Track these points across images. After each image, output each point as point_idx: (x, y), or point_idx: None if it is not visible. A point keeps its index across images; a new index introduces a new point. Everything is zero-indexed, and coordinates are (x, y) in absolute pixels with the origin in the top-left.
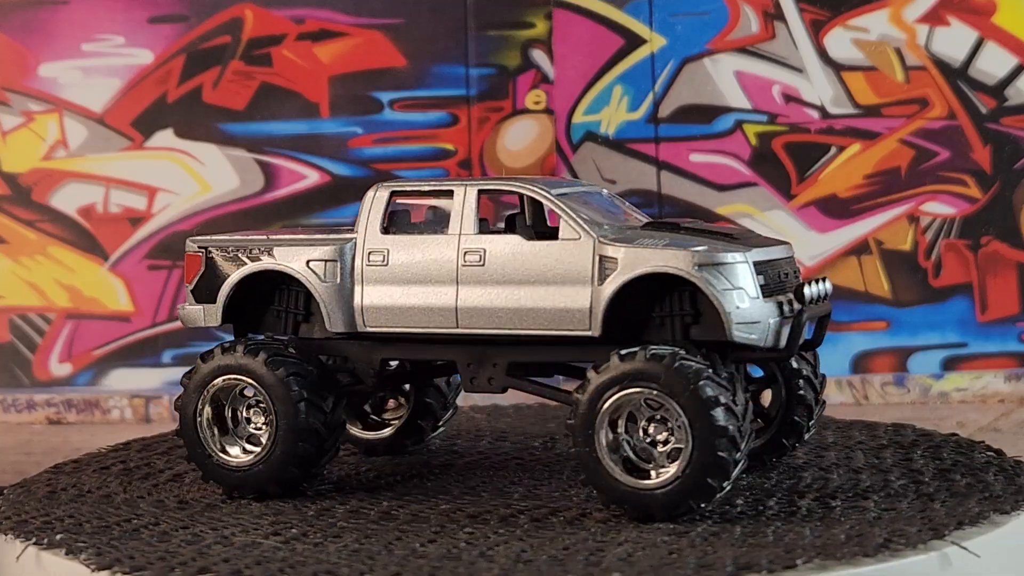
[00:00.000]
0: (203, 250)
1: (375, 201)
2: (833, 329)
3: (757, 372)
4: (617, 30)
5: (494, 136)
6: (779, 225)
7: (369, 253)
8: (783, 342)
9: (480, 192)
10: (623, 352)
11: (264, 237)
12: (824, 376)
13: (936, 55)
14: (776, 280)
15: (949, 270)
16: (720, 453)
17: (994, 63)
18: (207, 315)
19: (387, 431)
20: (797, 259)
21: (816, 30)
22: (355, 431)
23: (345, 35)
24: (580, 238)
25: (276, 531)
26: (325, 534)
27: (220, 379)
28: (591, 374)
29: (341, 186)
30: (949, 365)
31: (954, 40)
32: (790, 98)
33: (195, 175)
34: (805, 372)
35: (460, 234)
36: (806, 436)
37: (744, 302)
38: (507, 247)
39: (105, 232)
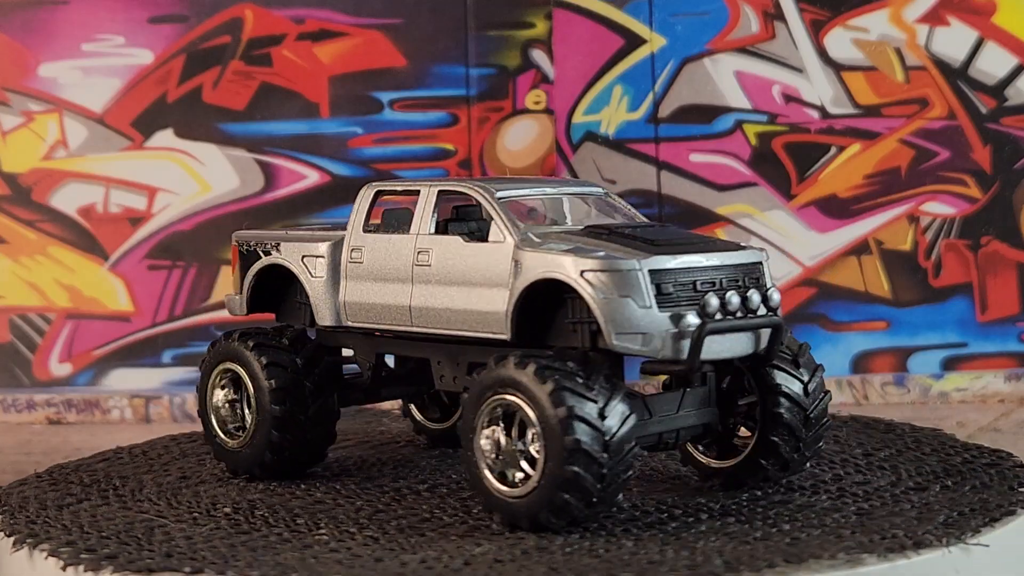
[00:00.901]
0: (238, 245)
1: (362, 200)
2: (833, 329)
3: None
4: (617, 30)
5: (494, 136)
6: (779, 225)
7: (352, 250)
8: (685, 354)
9: (440, 192)
10: (497, 357)
11: (283, 233)
12: (826, 394)
13: (936, 55)
14: (689, 290)
15: (949, 270)
16: (573, 468)
17: (994, 63)
18: (240, 305)
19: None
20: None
21: (816, 30)
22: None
23: (345, 35)
24: (504, 241)
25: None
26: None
27: (219, 366)
28: (472, 378)
29: (341, 186)
30: (949, 365)
31: (954, 40)
32: (790, 98)
33: (195, 175)
34: (788, 388)
35: (417, 234)
36: (801, 462)
37: (630, 311)
38: (449, 248)
39: (105, 232)
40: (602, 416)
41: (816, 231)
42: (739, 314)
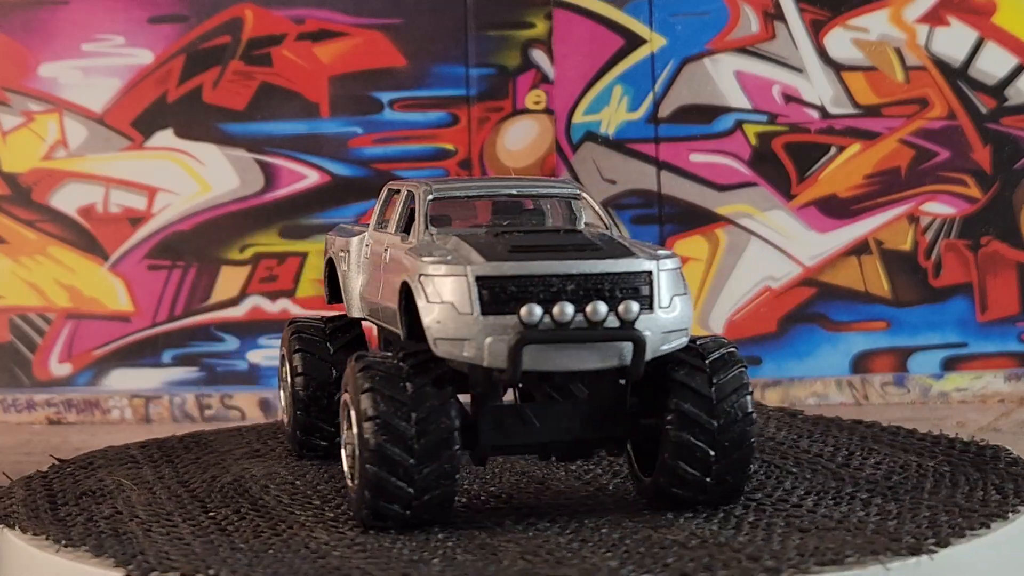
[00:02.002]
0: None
1: (379, 197)
2: (833, 329)
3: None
4: (617, 30)
5: (494, 136)
6: (779, 225)
7: (366, 246)
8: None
9: (390, 191)
10: (353, 356)
11: (336, 228)
12: (746, 416)
13: (936, 55)
14: (531, 297)
15: (949, 270)
16: (372, 468)
17: (994, 63)
18: (327, 295)
19: None
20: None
21: (816, 30)
22: None
23: (345, 35)
24: (408, 241)
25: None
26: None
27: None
28: None
29: (341, 186)
30: (949, 365)
31: (954, 40)
32: (790, 98)
33: (195, 175)
34: (680, 406)
35: (392, 232)
36: (723, 492)
37: (450, 317)
38: (394, 246)
39: (105, 232)
40: (408, 419)
41: (816, 231)
42: (574, 326)
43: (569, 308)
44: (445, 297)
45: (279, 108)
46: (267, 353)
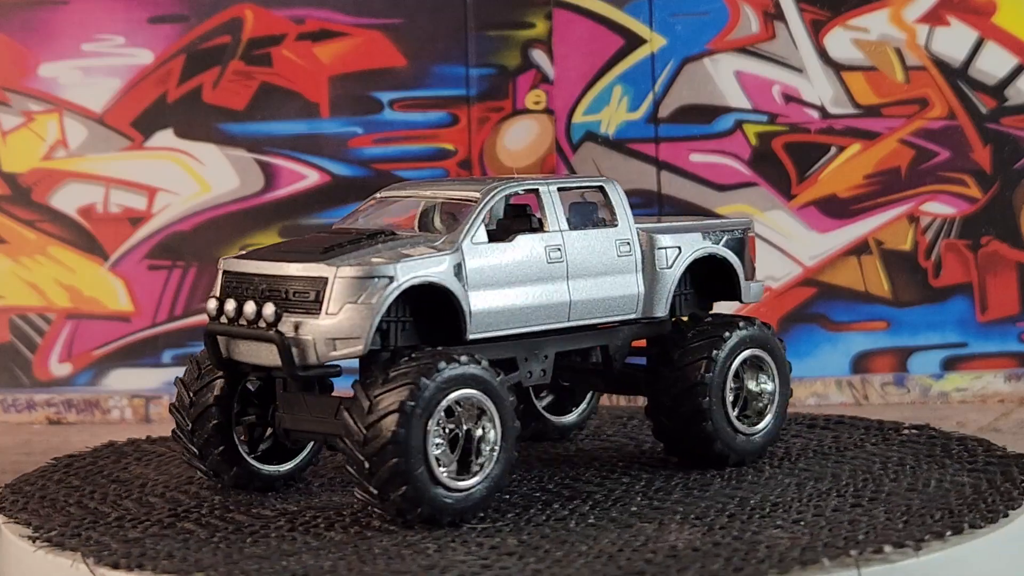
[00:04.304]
0: None
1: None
2: (833, 329)
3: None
4: (617, 30)
5: (494, 136)
6: (779, 225)
7: None
8: None
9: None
10: None
11: None
12: (385, 441)
13: (936, 55)
14: (243, 292)
15: (949, 270)
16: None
17: (994, 63)
18: None
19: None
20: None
21: (816, 30)
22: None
23: (345, 35)
24: None
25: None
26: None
27: None
28: None
29: (341, 186)
30: (949, 365)
31: (954, 40)
32: (790, 98)
33: (195, 175)
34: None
35: None
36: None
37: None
38: None
39: (105, 232)
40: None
41: (816, 231)
42: (241, 322)
43: (231, 305)
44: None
45: (279, 108)
46: None
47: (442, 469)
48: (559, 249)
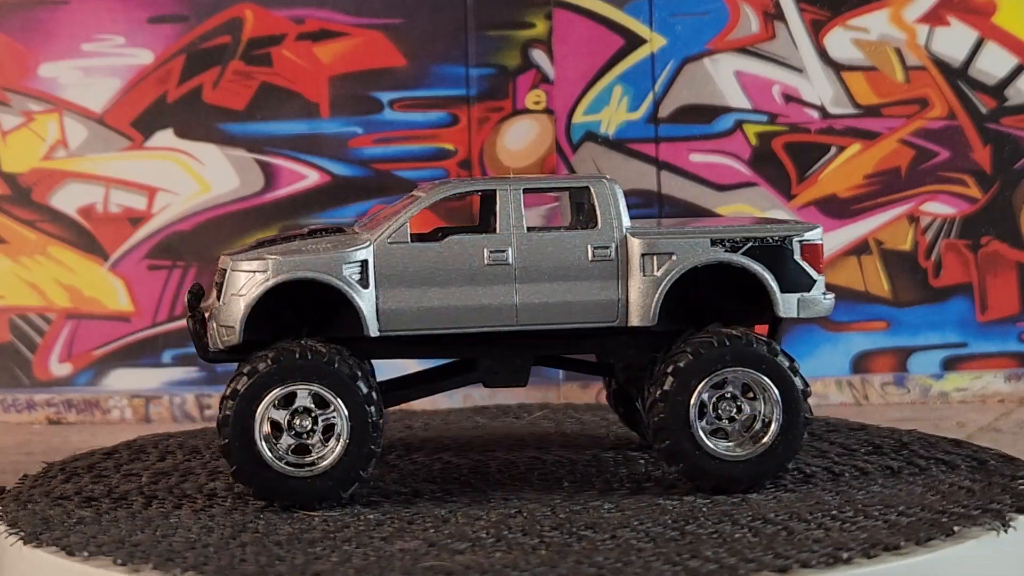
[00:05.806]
0: None
1: None
2: (833, 329)
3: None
4: (617, 30)
5: (494, 136)
6: None
7: None
8: None
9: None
10: None
11: None
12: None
13: (936, 55)
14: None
15: (949, 270)
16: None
17: (994, 63)
18: None
19: None
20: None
21: (816, 30)
22: None
23: (345, 35)
24: None
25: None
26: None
27: None
28: None
29: (341, 186)
30: (949, 365)
31: (954, 40)
32: (790, 98)
33: (195, 175)
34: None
35: None
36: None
37: None
38: None
39: (105, 232)
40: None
41: None
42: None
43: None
44: None
45: (279, 108)
46: None
47: (271, 453)
48: (504, 251)
